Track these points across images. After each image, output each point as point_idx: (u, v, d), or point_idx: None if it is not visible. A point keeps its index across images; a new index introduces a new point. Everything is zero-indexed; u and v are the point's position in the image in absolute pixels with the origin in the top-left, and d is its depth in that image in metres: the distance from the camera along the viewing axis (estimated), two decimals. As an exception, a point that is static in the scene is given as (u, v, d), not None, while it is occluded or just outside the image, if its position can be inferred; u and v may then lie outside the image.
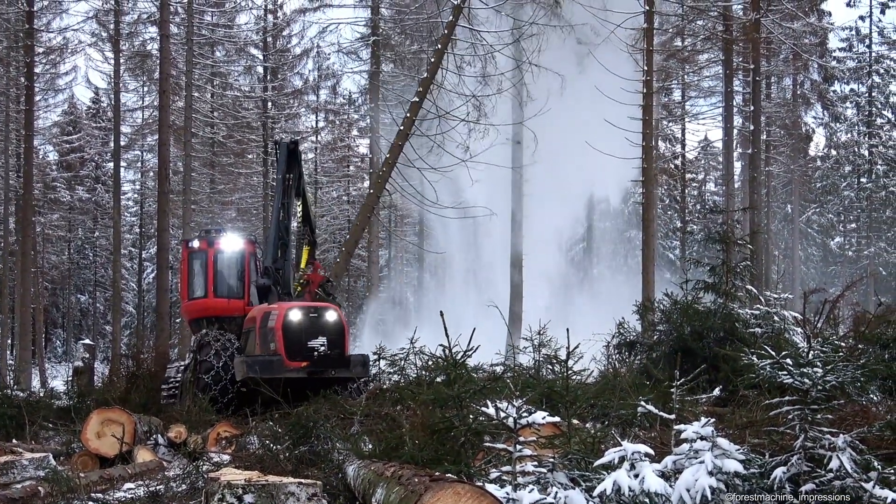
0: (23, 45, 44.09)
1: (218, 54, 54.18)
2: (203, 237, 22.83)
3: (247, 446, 13.61)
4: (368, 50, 43.15)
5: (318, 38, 56.52)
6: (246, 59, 55.94)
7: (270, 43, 54.47)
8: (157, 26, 40.94)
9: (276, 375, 17.82)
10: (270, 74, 54.60)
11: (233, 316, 21.60)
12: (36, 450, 13.74)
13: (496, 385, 10.11)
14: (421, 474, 6.64)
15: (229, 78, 56.70)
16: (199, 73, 49.81)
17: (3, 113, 51.92)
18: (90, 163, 70.98)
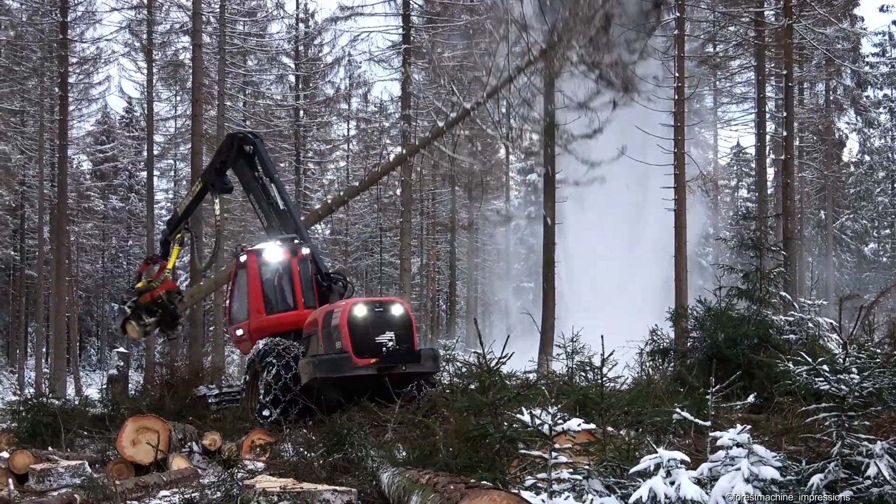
0: (57, 55, 44.43)
1: (250, 63, 54.38)
2: (277, 247, 21.86)
3: (281, 454, 13.61)
4: (400, 58, 43.21)
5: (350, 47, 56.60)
6: (278, 68, 56.15)
7: (302, 52, 54.68)
8: (190, 36, 41.17)
9: (344, 374, 17.19)
10: (302, 83, 54.79)
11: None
12: (72, 457, 13.80)
13: (530, 392, 10.09)
14: (456, 481, 6.64)
15: (261, 87, 56.90)
16: (232, 83, 50.02)
17: (38, 123, 52.35)
18: (123, 172, 71.40)
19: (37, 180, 55.50)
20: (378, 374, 17.03)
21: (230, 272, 22.23)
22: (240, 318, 21.58)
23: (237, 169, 23.47)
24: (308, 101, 55.26)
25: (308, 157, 58.43)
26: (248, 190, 23.14)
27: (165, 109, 59.30)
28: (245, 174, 23.22)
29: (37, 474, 12.14)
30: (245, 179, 23.30)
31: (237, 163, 23.20)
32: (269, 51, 53.56)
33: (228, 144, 23.67)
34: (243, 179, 23.46)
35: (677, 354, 19.02)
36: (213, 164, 24.10)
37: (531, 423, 7.22)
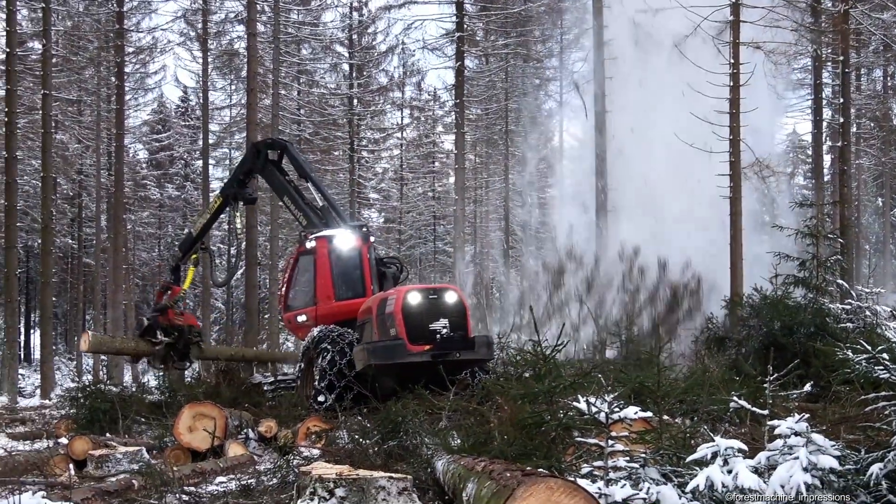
0: (113, 45, 44.79)
1: (304, 52, 54.51)
2: (348, 233, 21.79)
3: (336, 441, 13.66)
4: (453, 46, 43.13)
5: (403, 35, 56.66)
6: (332, 57, 56.24)
7: (356, 40, 54.70)
8: (245, 25, 41.30)
9: (398, 360, 17.27)
10: (356, 71, 54.83)
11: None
12: (129, 444, 13.95)
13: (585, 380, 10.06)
14: (512, 469, 6.64)
15: (315, 75, 57.05)
16: (286, 71, 50.16)
17: (95, 112, 52.82)
18: (179, 161, 71.85)
19: (94, 169, 56.01)
20: (432, 361, 17.00)
21: (289, 260, 22.17)
22: (300, 305, 21.55)
23: (266, 175, 23.56)
24: (362, 89, 55.32)
25: (362, 146, 58.49)
26: (283, 193, 23.15)
27: (220, 98, 59.66)
28: (275, 179, 23.31)
29: (95, 460, 12.27)
30: (276, 184, 23.39)
31: (266, 169, 23.29)
32: (323, 39, 53.66)
33: (254, 153, 23.77)
34: (274, 184, 23.54)
35: (733, 343, 18.90)
36: (236, 176, 24.20)
37: (587, 411, 7.20)
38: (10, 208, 36.49)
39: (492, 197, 66.68)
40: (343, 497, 7.12)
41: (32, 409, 26.44)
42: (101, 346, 25.52)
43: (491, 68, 54.80)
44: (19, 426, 20.04)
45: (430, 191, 68.36)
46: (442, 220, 67.27)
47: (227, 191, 24.19)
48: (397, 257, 24.19)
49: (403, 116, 66.42)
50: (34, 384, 45.65)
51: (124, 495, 9.95)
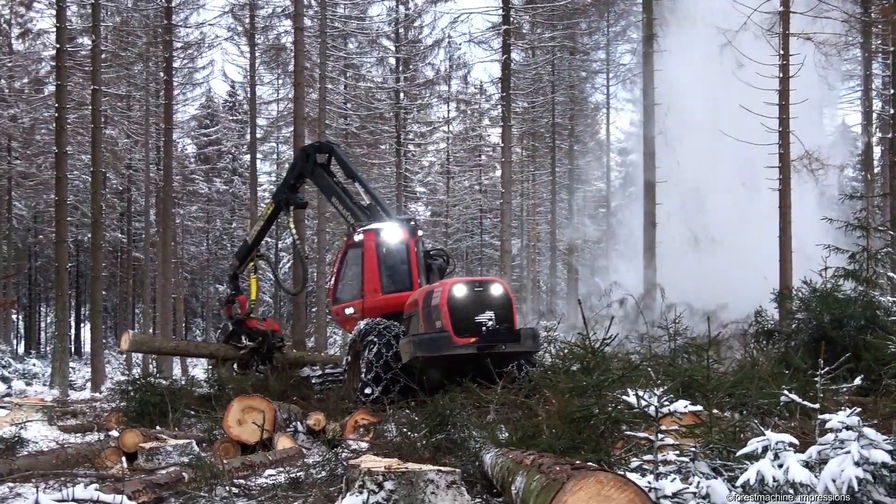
0: (161, 40, 45.10)
1: (351, 46, 54.61)
2: (396, 227, 21.85)
3: (384, 434, 13.69)
4: (500, 39, 43.06)
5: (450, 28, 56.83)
6: (378, 51, 56.32)
7: (402, 34, 54.77)
8: (291, 19, 41.48)
9: (444, 353, 17.18)
10: (402, 65, 54.90)
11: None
12: (179, 436, 14.04)
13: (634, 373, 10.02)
14: (562, 462, 6.63)
15: (362, 69, 57.15)
16: (333, 65, 50.30)
17: (144, 107, 53.27)
18: (227, 155, 72.29)
19: (143, 164, 56.47)
20: (478, 353, 16.99)
21: (338, 253, 22.21)
22: (348, 297, 21.60)
23: (316, 178, 23.71)
24: (408, 83, 55.39)
25: (408, 140, 58.59)
26: (331, 194, 23.26)
27: (268, 93, 59.94)
28: (323, 181, 23.46)
29: (146, 453, 12.37)
30: (325, 186, 23.53)
31: (315, 172, 23.42)
32: (369, 33, 53.75)
33: (303, 157, 23.92)
34: (323, 186, 23.69)
35: (782, 336, 18.76)
36: (287, 181, 24.33)
37: (637, 405, 7.18)
38: (60, 203, 36.82)
39: (538, 190, 66.58)
40: (392, 490, 7.13)
41: (83, 402, 26.66)
42: (141, 346, 25.69)
43: (537, 61, 54.75)
44: (70, 419, 20.20)
45: (476, 184, 68.34)
46: (488, 214, 67.25)
47: (278, 196, 24.38)
48: (444, 250, 24.17)
49: (450, 110, 66.43)
50: (85, 377, 46.07)
51: (175, 487, 10.03)
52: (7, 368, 46.64)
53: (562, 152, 58.86)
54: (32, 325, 74.40)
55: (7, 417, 17.90)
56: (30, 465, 11.64)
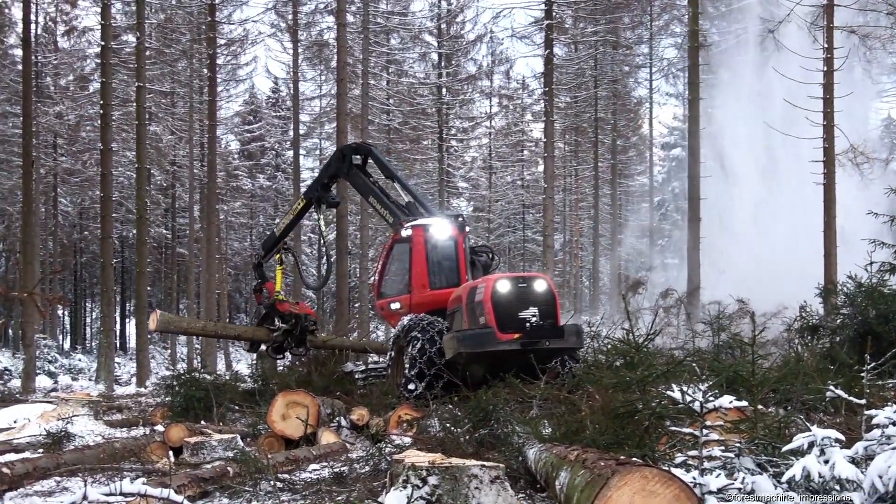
0: (205, 37, 45.33)
1: (393, 42, 54.72)
2: (445, 222, 21.48)
3: (427, 429, 13.69)
4: (542, 34, 42.94)
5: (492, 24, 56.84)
6: (420, 46, 56.37)
7: (444, 29, 54.77)
8: (334, 16, 41.57)
9: (488, 349, 17.16)
10: (445, 61, 54.91)
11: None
12: (224, 431, 14.11)
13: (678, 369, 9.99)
14: (606, 458, 6.62)
15: (404, 65, 57.25)
16: (375, 61, 50.41)
17: (188, 104, 53.57)
18: (270, 151, 72.61)
19: (187, 160, 56.79)
20: (521, 349, 16.96)
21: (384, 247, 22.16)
22: (394, 292, 21.59)
23: (351, 179, 23.77)
24: (450, 78, 55.38)
25: (451, 135, 58.61)
26: (368, 194, 23.27)
27: (310, 89, 60.17)
28: (360, 181, 23.47)
29: (191, 447, 12.43)
30: (361, 186, 23.55)
31: (350, 173, 23.46)
32: (411, 29, 53.80)
33: (339, 157, 23.94)
34: (359, 186, 23.70)
35: (827, 331, 18.62)
36: (321, 180, 24.33)
37: (682, 400, 7.15)
38: (105, 199, 37.09)
39: (581, 185, 66.45)
40: (436, 485, 7.14)
41: (128, 397, 26.86)
42: (169, 325, 25.85)
43: (580, 56, 54.63)
44: (116, 414, 20.33)
45: (518, 179, 68.28)
46: (531, 209, 67.20)
47: (310, 193, 24.43)
48: (488, 246, 24.16)
49: (492, 105, 66.44)
50: (130, 372, 46.49)
51: (220, 482, 10.08)
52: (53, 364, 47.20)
53: (604, 147, 58.74)
54: (78, 320, 75.01)
55: (54, 412, 18.05)
56: (77, 460, 11.73)
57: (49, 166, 56.59)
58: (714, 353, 16.62)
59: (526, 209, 67.91)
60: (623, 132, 61.58)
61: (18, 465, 10.73)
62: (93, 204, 60.72)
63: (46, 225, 57.85)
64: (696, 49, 32.58)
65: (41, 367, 43.18)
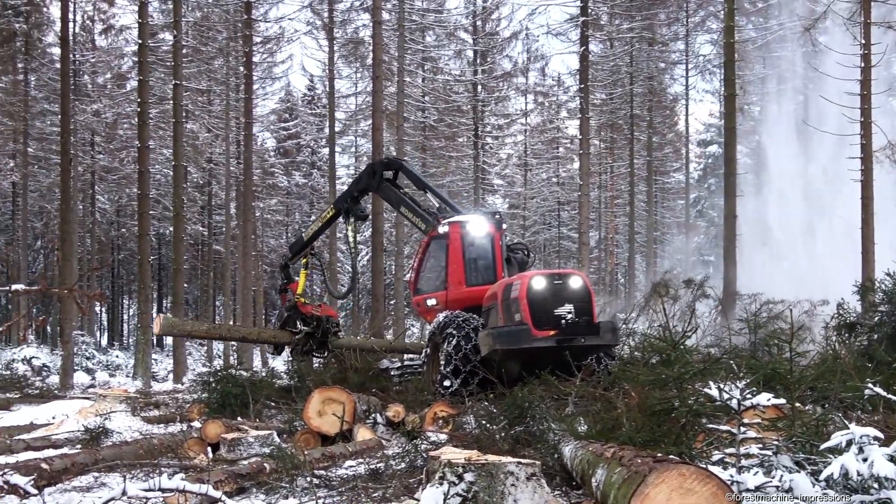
0: (241, 35, 45.52)
1: (428, 39, 54.75)
2: (482, 219, 21.47)
3: (463, 426, 13.70)
4: (578, 30, 42.87)
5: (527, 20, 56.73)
6: (456, 44, 56.40)
7: (480, 26, 54.77)
8: (370, 13, 41.63)
9: (523, 346, 17.10)
10: (480, 58, 54.90)
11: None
12: (260, 427, 14.16)
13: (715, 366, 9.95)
14: (643, 455, 6.61)
15: (439, 62, 57.27)
16: (411, 59, 50.48)
17: (224, 102, 53.82)
18: (306, 148, 72.80)
19: (223, 157, 57.05)
20: (557, 346, 16.93)
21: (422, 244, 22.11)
22: (430, 289, 21.60)
23: (381, 192, 23.89)
24: (486, 75, 55.36)
25: (486, 132, 58.58)
26: (399, 205, 23.36)
27: (346, 86, 60.29)
28: (390, 193, 23.59)
29: (228, 443, 12.49)
30: (392, 198, 23.67)
31: (380, 187, 23.56)
32: (447, 26, 53.83)
33: (370, 173, 24.00)
34: (390, 198, 23.82)
35: (864, 329, 18.49)
36: (351, 192, 24.40)
37: (719, 398, 7.13)
38: (142, 197, 37.32)
39: (616, 182, 66.31)
40: (472, 482, 7.15)
41: (165, 394, 27.04)
42: (173, 329, 25.90)
43: (615, 52, 54.46)
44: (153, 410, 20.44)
45: (554, 176, 68.20)
46: (566, 206, 67.14)
47: (339, 204, 24.57)
48: (523, 243, 24.15)
49: (527, 102, 66.40)
50: (167, 369, 46.73)
51: (256, 478, 10.12)
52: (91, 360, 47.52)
53: (640, 144, 58.57)
54: (115, 317, 75.55)
55: (92, 408, 18.20)
56: (114, 455, 11.80)
57: (87, 164, 57.01)
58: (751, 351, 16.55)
59: (561, 206, 67.83)
60: (659, 129, 61.38)
61: (57, 460, 10.80)
62: (130, 201, 61.11)
63: (84, 222, 58.30)
64: (732, 45, 32.42)
65: (79, 363, 43.49)
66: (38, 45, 54.20)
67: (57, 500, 9.09)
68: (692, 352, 12.12)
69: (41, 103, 54.32)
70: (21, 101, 51.94)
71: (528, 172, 66.69)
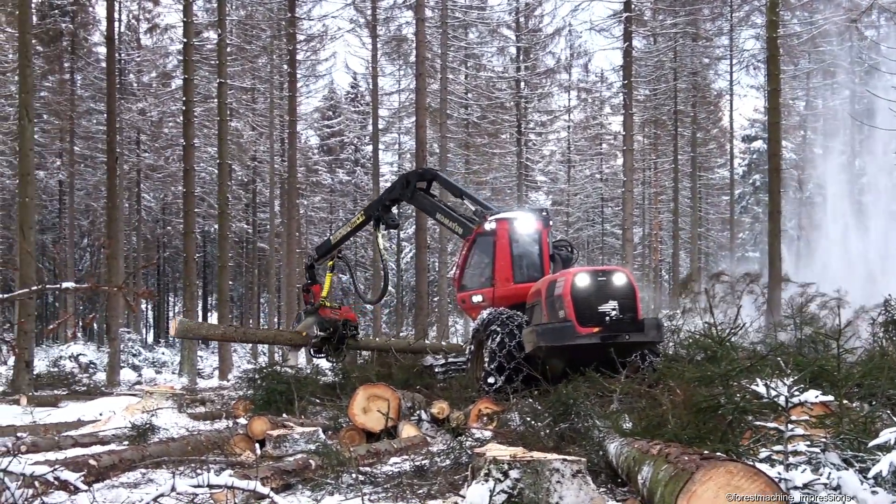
0: (285, 33, 45.69)
1: (471, 36, 54.73)
2: (529, 216, 21.45)
3: (508, 423, 13.68)
4: (621, 26, 42.74)
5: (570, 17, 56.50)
6: (499, 40, 56.34)
7: (523, 23, 54.70)
8: (413, 10, 41.73)
9: (568, 343, 17.03)
10: (523, 54, 54.84)
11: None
12: (305, 424, 14.20)
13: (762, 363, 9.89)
14: (690, 452, 6.58)
15: (482, 59, 57.24)
16: (454, 56, 50.49)
17: (268, 100, 54.07)
18: (349, 146, 73.02)
19: (267, 155, 57.31)
20: (601, 343, 16.88)
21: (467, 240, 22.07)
22: (476, 285, 21.60)
23: (415, 202, 23.94)
24: (529, 72, 55.30)
25: (529, 129, 58.52)
26: (434, 212, 23.40)
27: (389, 84, 60.49)
28: (424, 202, 23.63)
29: (273, 440, 12.53)
30: (426, 206, 23.72)
31: (413, 197, 23.60)
32: (490, 23, 53.79)
33: (403, 184, 24.01)
34: (425, 207, 23.87)
35: (912, 325, 18.33)
36: (383, 201, 24.43)
37: (766, 395, 7.09)
38: (188, 195, 37.54)
39: (660, 178, 66.05)
40: (517, 479, 7.14)
41: (211, 390, 27.19)
42: (188, 332, 26.01)
43: (659, 48, 54.23)
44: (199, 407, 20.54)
45: (597, 173, 68.05)
46: (610, 202, 66.97)
47: (370, 211, 24.62)
48: (567, 240, 24.08)
49: (570, 98, 66.30)
50: (212, 366, 47.00)
51: (302, 474, 10.16)
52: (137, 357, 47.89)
53: (684, 140, 58.30)
54: (161, 314, 76.06)
55: (138, 405, 18.33)
56: (161, 452, 11.89)
57: (132, 162, 57.44)
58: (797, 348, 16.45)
59: (605, 203, 67.68)
60: (703, 125, 61.06)
61: (105, 456, 10.88)
62: (175, 199, 61.53)
63: (130, 220, 58.75)
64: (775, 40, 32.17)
65: (125, 360, 43.84)
66: (84, 45, 54.69)
67: (105, 496, 9.17)
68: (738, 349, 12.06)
69: (87, 102, 54.78)
70: (67, 100, 52.42)
71: (571, 169, 66.59)
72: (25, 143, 27.62)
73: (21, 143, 28.26)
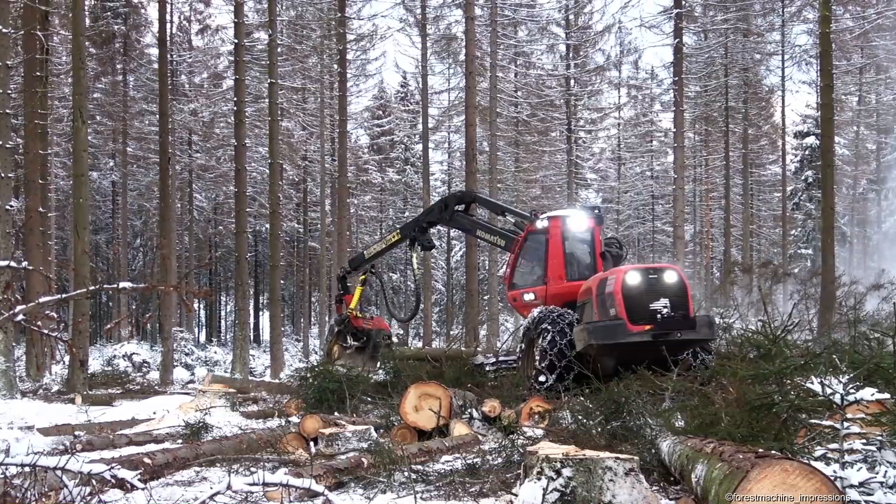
0: (335, 33, 45.81)
1: (521, 34, 54.68)
2: (582, 214, 21.49)
3: (559, 421, 13.66)
4: (671, 23, 42.56)
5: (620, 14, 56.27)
6: (548, 38, 56.24)
7: (572, 20, 54.54)
8: (463, 9, 41.70)
9: (619, 340, 17.01)
10: (572, 52, 54.73)
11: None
12: (357, 422, 14.25)
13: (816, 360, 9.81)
14: (744, 451, 6.55)
15: (532, 57, 57.18)
16: (503, 54, 50.47)
17: (319, 99, 54.24)
18: (399, 145, 73.13)
19: (318, 155, 57.49)
20: (653, 341, 16.80)
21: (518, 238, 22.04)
22: (528, 283, 21.57)
23: (454, 223, 24.34)
24: (578, 69, 55.18)
25: (579, 126, 58.41)
26: (474, 229, 23.73)
27: (439, 82, 60.42)
28: (463, 222, 23.90)
29: (325, 438, 12.57)
30: (465, 225, 24.01)
31: (453, 219, 23.75)
32: (539, 21, 53.70)
33: (442, 207, 24.11)
34: (464, 226, 24.22)
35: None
36: (420, 222, 24.50)
37: (822, 393, 7.03)
38: (239, 194, 37.72)
39: (711, 175, 65.68)
40: (570, 477, 7.13)
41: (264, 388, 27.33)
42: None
43: (710, 44, 53.90)
44: (252, 405, 20.66)
45: (647, 170, 67.80)
46: (660, 200, 66.70)
47: (406, 231, 24.74)
48: (616, 238, 24.00)
49: (620, 96, 66.12)
50: (264, 364, 47.20)
51: (354, 472, 10.19)
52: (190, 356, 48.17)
53: (735, 136, 57.93)
54: (213, 313, 76.58)
55: (192, 404, 18.48)
56: (215, 450, 11.96)
57: (184, 163, 57.89)
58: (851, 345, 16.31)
59: (655, 200, 67.41)
60: (754, 121, 60.64)
61: (159, 455, 10.98)
62: (227, 199, 61.90)
63: (182, 220, 59.16)
64: (828, 35, 31.89)
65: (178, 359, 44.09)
66: (137, 47, 55.21)
67: (160, 494, 9.24)
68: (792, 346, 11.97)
69: (140, 103, 55.26)
70: (120, 101, 52.93)
71: (621, 166, 66.39)
72: (79, 145, 27.90)
73: (75, 144, 28.56)
